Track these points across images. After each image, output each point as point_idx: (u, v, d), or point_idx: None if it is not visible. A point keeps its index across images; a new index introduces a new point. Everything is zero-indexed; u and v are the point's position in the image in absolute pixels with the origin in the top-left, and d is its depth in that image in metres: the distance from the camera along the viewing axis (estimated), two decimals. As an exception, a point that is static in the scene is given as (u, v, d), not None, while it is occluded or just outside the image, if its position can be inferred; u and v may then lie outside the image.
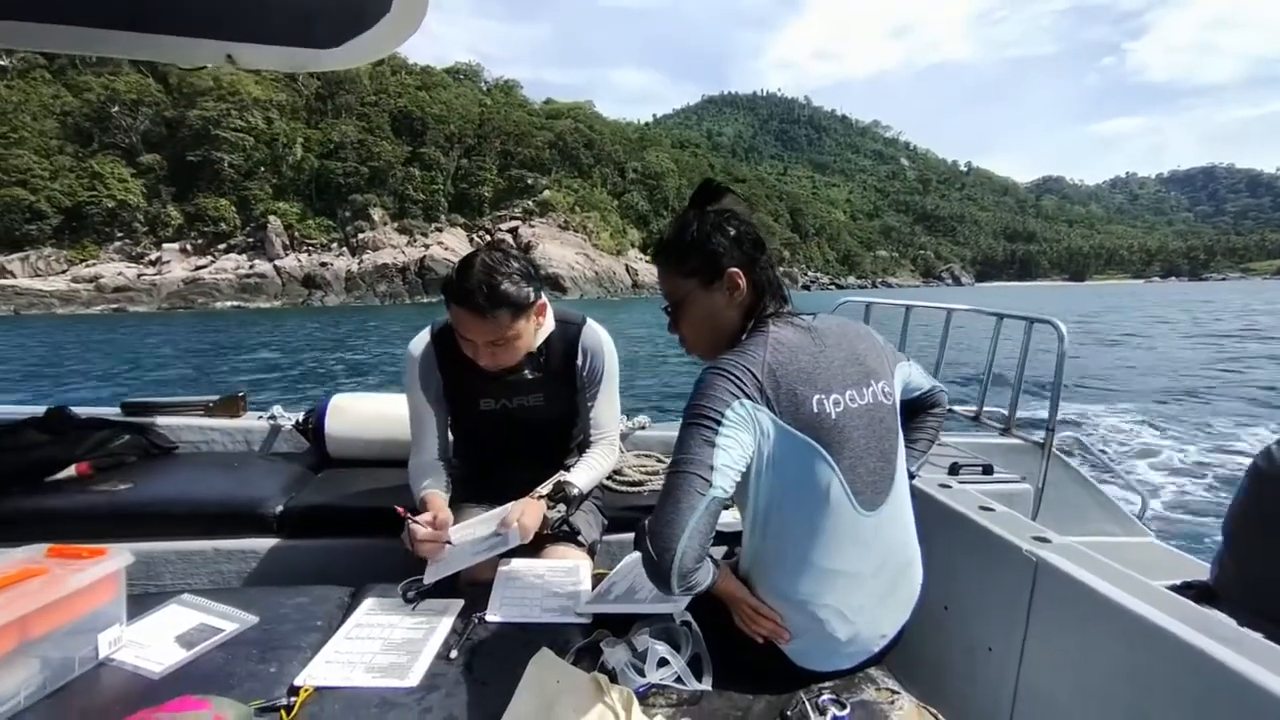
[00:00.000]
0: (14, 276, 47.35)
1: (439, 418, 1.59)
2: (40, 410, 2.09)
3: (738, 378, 0.96)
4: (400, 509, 1.38)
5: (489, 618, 1.20)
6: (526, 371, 1.56)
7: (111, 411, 2.30)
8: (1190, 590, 1.34)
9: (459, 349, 1.47)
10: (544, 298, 1.51)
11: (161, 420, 2.27)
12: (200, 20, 1.65)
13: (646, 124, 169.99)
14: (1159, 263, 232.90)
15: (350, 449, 2.22)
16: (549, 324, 1.58)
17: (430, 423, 1.58)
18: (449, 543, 1.36)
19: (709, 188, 1.12)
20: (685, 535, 0.89)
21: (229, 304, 50.40)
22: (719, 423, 0.93)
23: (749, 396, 0.95)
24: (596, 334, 1.63)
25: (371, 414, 2.24)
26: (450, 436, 1.65)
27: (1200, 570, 1.64)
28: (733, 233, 1.07)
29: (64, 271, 49.83)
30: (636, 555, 1.38)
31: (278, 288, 54.10)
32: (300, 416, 2.36)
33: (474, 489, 1.66)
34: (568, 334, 1.61)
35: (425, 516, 1.37)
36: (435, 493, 1.49)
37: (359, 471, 2.11)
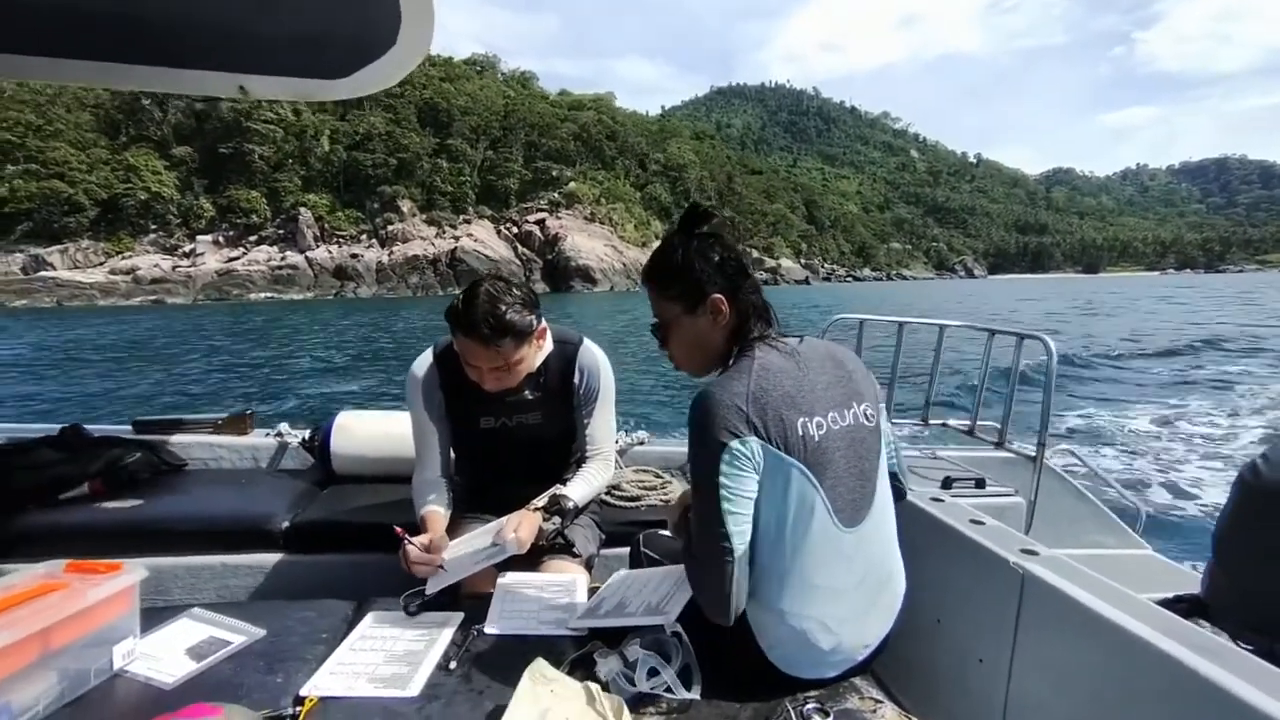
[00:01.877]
0: (54, 269, 47.90)
1: (442, 435, 1.64)
2: (55, 429, 2.15)
3: (726, 418, 0.99)
4: (398, 529, 1.41)
5: (487, 630, 1.24)
6: (526, 391, 1.61)
7: (123, 429, 2.35)
8: (1181, 604, 1.35)
9: (461, 370, 1.52)
10: (544, 322, 1.57)
11: (172, 438, 2.32)
12: (214, 54, 1.71)
13: (658, 116, 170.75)
14: (1173, 255, 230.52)
15: (355, 466, 2.27)
16: (547, 345, 1.63)
17: (433, 440, 1.63)
18: (441, 566, 1.39)
19: (695, 212, 1.13)
20: (734, 599, 1.01)
21: (263, 295, 50.84)
22: (720, 476, 0.98)
23: (738, 434, 0.98)
24: (593, 353, 1.68)
25: (376, 432, 2.29)
26: (452, 454, 1.70)
27: (1196, 582, 1.65)
28: (716, 259, 1.10)
29: (101, 263, 50.37)
30: (625, 572, 1.43)
31: (310, 279, 54.62)
32: (306, 434, 2.41)
33: (475, 504, 1.71)
34: (565, 354, 1.66)
35: (421, 539, 1.41)
36: (435, 511, 1.54)
37: (363, 488, 2.16)
